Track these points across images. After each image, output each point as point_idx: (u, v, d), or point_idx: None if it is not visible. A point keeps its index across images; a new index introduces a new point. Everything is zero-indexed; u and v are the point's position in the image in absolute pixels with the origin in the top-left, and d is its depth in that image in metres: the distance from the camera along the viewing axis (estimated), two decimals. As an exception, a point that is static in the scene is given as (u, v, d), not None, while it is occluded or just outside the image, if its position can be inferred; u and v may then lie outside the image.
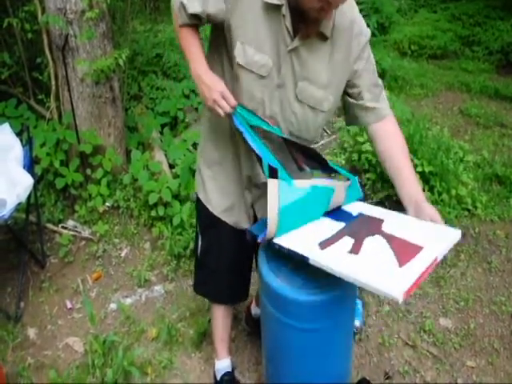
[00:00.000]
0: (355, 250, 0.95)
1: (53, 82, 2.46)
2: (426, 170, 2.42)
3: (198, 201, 1.29)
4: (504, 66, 4.65)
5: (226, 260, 1.29)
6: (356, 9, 1.06)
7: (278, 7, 0.96)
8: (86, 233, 2.22)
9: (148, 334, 1.71)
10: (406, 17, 6.19)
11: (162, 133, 2.91)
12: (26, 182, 1.79)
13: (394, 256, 0.91)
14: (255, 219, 1.23)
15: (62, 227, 2.23)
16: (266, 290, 1.07)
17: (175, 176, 2.42)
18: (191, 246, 2.02)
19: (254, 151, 1.03)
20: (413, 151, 2.49)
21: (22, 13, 2.40)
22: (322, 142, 3.17)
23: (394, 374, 1.57)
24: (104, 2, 2.26)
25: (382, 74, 4.28)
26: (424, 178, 2.43)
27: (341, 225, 1.05)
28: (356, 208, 1.14)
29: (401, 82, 4.17)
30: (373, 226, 1.03)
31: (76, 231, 2.21)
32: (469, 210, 2.42)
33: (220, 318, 1.43)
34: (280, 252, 1.02)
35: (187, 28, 1.05)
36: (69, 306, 1.85)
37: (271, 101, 1.04)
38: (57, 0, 2.14)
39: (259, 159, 1.04)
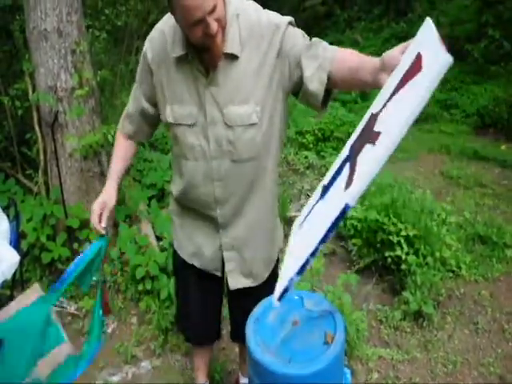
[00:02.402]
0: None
1: (41, 157, 2.71)
2: (411, 233, 2.64)
3: (172, 246, 1.52)
4: (481, 128, 5.17)
5: (196, 302, 1.51)
6: (261, 11, 1.17)
7: (185, 56, 1.15)
8: (72, 308, 2.36)
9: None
10: (385, 83, 6.90)
11: (149, 205, 3.15)
12: (11, 258, 1.92)
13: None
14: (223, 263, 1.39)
15: (47, 303, 2.36)
16: (254, 366, 1.15)
17: (162, 249, 2.61)
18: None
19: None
20: (396, 215, 2.75)
21: (13, 90, 2.72)
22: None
23: None
24: (94, 79, 2.60)
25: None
26: (409, 241, 2.64)
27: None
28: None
29: (383, 147, 4.59)
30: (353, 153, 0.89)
31: (62, 307, 2.35)
32: (453, 271, 2.63)
33: (198, 353, 1.72)
34: (269, 322, 1.17)
35: (123, 138, 1.40)
36: (53, 386, 1.93)
37: (208, 142, 1.19)
38: (47, 78, 2.42)
39: None
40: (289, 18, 1.16)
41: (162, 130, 4.20)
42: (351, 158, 0.88)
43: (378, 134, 0.80)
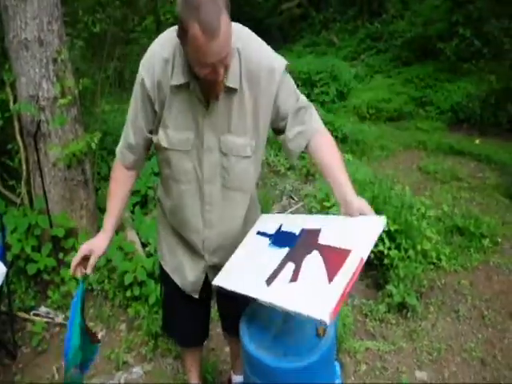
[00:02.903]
0: (294, 277, 1.08)
1: (24, 168, 2.69)
2: (392, 228, 2.72)
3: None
4: (455, 124, 5.34)
5: (182, 308, 1.54)
6: (262, 50, 1.19)
7: (186, 85, 1.15)
8: (60, 318, 2.35)
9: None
10: (362, 83, 7.05)
11: (133, 212, 3.15)
12: (-2, 270, 1.96)
13: (325, 271, 1.03)
14: (205, 283, 1.43)
15: (34, 314, 2.36)
16: (249, 360, 1.21)
17: (148, 255, 2.63)
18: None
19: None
20: (377, 211, 2.83)
21: None
22: (290, 209, 3.50)
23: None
24: (76, 88, 2.60)
25: (343, 139, 4.83)
26: (390, 236, 2.73)
27: (284, 251, 1.18)
28: (297, 224, 1.25)
29: (362, 146, 4.71)
30: (311, 241, 1.15)
31: (49, 317, 2.34)
32: (434, 264, 2.73)
33: (186, 354, 1.76)
34: (262, 320, 1.21)
35: (122, 170, 1.34)
36: (44, 397, 1.94)
37: (201, 167, 1.23)
38: (29, 87, 2.41)
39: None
40: (284, 64, 1.20)
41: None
42: (295, 259, 1.13)
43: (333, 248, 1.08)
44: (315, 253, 1.10)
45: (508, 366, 2.02)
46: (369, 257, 1.12)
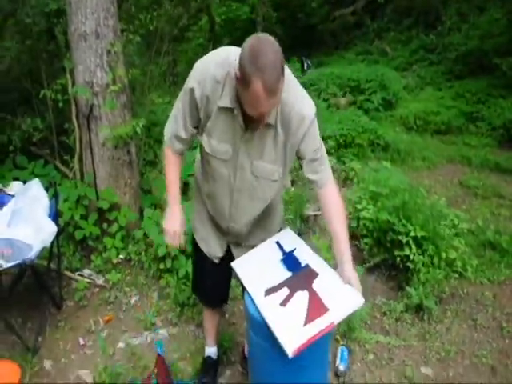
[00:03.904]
0: (284, 303, 1.38)
1: (77, 145, 3.06)
2: (419, 234, 2.82)
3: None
4: (507, 141, 5.26)
5: (210, 272, 1.80)
6: (297, 96, 1.37)
7: (231, 109, 1.35)
8: (100, 281, 2.67)
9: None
10: (412, 93, 7.07)
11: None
12: (50, 229, 2.27)
13: (305, 314, 1.31)
14: (228, 253, 1.72)
15: (79, 275, 2.69)
16: (254, 324, 1.44)
17: (183, 234, 2.90)
18: (194, 295, 2.44)
19: None
20: (406, 217, 2.94)
21: (56, 85, 3.06)
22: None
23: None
24: (126, 77, 2.93)
25: (385, 147, 4.93)
26: (417, 242, 2.83)
27: (288, 274, 1.48)
28: (306, 256, 1.54)
29: (403, 155, 4.78)
30: (308, 280, 1.44)
31: (91, 279, 2.66)
32: (460, 273, 2.80)
33: (208, 315, 2.02)
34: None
35: (174, 154, 1.55)
36: (81, 342, 2.25)
37: (235, 178, 1.47)
38: (85, 74, 2.75)
39: None
40: (314, 112, 1.40)
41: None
42: (290, 287, 1.43)
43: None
44: (306, 293, 1.39)
45: (518, 376, 2.09)
46: (394, 260, 1.44)
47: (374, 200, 3.30)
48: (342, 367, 2.06)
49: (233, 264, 1.61)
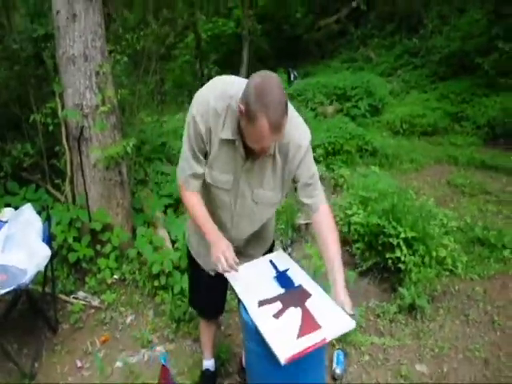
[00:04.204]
0: (278, 315, 1.42)
1: (68, 168, 3.11)
2: (409, 235, 2.89)
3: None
4: (491, 139, 5.38)
5: (206, 285, 1.83)
6: (293, 127, 1.42)
7: (233, 141, 1.40)
8: (96, 302, 2.70)
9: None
10: (398, 98, 7.21)
11: (165, 213, 3.50)
12: (44, 252, 2.30)
13: (298, 329, 1.36)
14: None
15: (74, 298, 2.72)
16: (248, 330, 1.49)
17: (176, 250, 2.95)
18: (190, 310, 2.48)
19: None
20: (396, 219, 3.01)
21: (45, 109, 3.11)
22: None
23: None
24: (115, 97, 3.00)
25: (373, 153, 5.02)
26: (407, 243, 2.90)
27: (281, 291, 1.52)
28: (299, 277, 1.59)
29: (391, 159, 4.88)
30: (301, 298, 1.48)
31: (86, 301, 2.69)
32: (450, 271, 2.85)
33: (204, 327, 2.05)
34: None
35: (193, 193, 1.54)
36: (79, 364, 2.27)
37: (235, 204, 1.54)
38: (75, 97, 2.81)
39: None
40: (309, 141, 1.48)
41: (178, 146, 4.62)
42: (284, 302, 1.47)
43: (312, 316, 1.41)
44: (299, 309, 1.44)
45: (511, 368, 2.13)
46: (385, 263, 1.42)
47: (363, 205, 3.37)
48: (338, 370, 2.09)
49: (226, 274, 1.60)
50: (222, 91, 1.38)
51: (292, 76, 8.65)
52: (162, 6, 5.30)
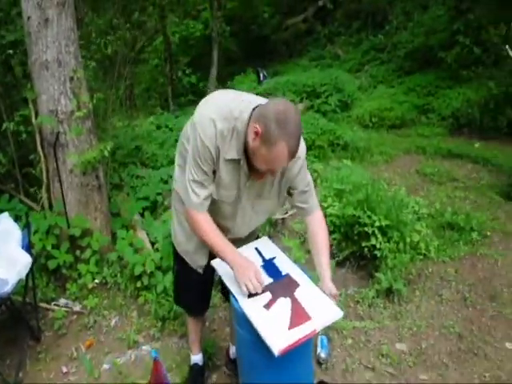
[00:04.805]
0: (268, 305, 1.46)
1: (44, 175, 3.07)
2: (383, 224, 3.01)
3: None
4: (456, 129, 5.63)
5: (192, 282, 1.87)
6: None
7: (238, 160, 1.47)
8: (78, 307, 2.69)
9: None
10: (366, 93, 7.41)
11: (142, 215, 3.52)
12: (25, 260, 2.29)
13: (288, 319, 1.40)
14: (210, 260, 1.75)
15: (55, 305, 2.70)
16: (239, 318, 1.52)
17: (156, 251, 2.97)
18: (175, 308, 2.51)
19: None
20: (371, 209, 3.13)
21: (18, 117, 3.05)
22: (290, 212, 3.81)
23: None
24: (90, 102, 3.00)
25: (344, 147, 5.16)
26: (382, 231, 3.02)
27: (269, 280, 1.54)
28: (286, 266, 1.62)
29: (362, 152, 5.03)
30: (289, 288, 1.52)
31: (68, 307, 2.68)
32: (424, 255, 3.00)
33: (192, 324, 2.09)
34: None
35: (206, 216, 1.56)
36: (64, 370, 2.27)
37: (236, 215, 1.63)
38: (49, 103, 2.77)
39: None
40: (305, 152, 1.59)
41: (152, 149, 4.63)
42: (273, 293, 1.50)
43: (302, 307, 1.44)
44: (288, 300, 1.47)
45: (483, 339, 2.28)
46: (362, 251, 1.46)
47: (338, 197, 3.48)
48: (323, 354, 2.18)
49: (212, 262, 1.65)
50: (227, 112, 1.42)
51: (261, 76, 8.75)
52: (134, 10, 5.29)
